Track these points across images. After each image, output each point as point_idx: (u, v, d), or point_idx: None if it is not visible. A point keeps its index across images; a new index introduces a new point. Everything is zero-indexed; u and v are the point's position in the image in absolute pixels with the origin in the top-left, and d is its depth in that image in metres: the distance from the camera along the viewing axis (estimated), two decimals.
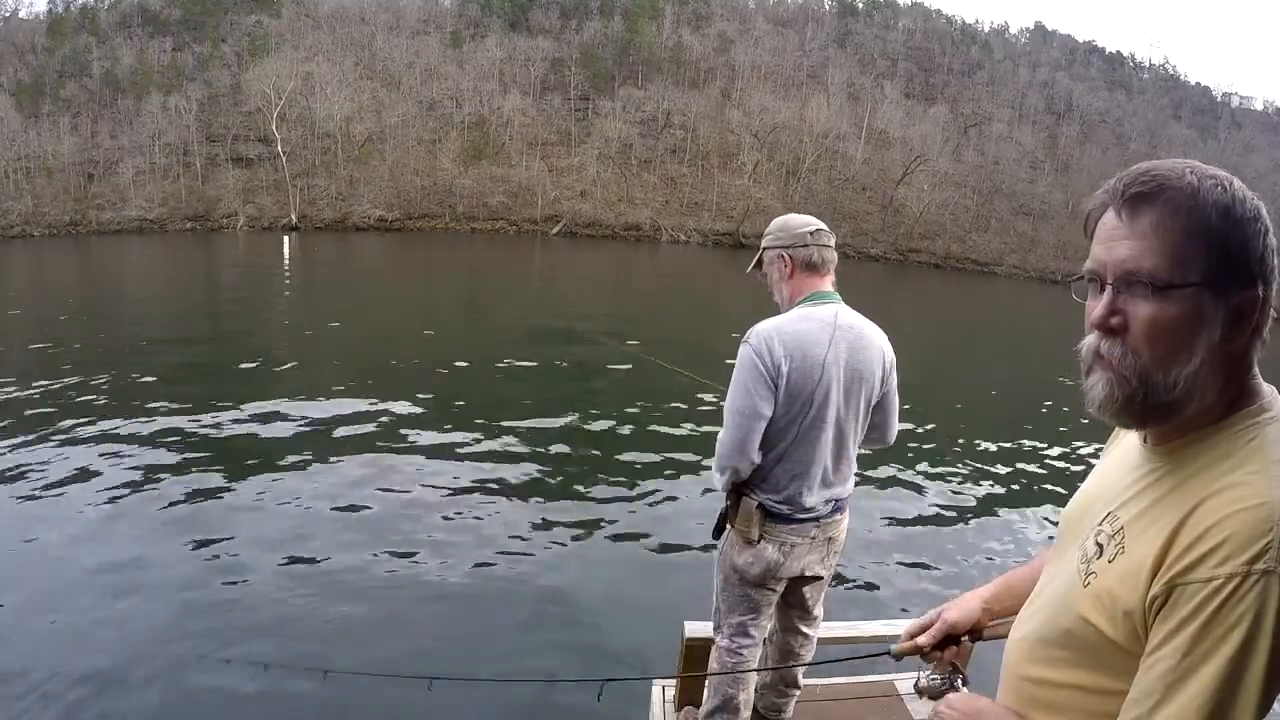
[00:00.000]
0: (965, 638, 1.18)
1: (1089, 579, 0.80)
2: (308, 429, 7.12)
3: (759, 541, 2.03)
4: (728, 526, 2.11)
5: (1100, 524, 0.83)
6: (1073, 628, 0.81)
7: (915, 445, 7.70)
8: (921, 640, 1.18)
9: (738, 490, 2.04)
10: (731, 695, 2.18)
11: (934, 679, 1.19)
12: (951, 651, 1.19)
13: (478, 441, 6.98)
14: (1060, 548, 0.94)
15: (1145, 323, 0.73)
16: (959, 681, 1.16)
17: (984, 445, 8.22)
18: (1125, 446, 0.90)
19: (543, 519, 5.38)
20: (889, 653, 1.25)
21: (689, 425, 7.76)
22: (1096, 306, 0.77)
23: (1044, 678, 0.86)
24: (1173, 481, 0.77)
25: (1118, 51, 77.05)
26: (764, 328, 1.95)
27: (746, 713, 2.21)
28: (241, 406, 7.61)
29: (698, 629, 2.42)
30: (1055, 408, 10.64)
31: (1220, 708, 0.66)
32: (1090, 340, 0.79)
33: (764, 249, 2.09)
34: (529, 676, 3.43)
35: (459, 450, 6.70)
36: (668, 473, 6.43)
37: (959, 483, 6.88)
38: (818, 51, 62.68)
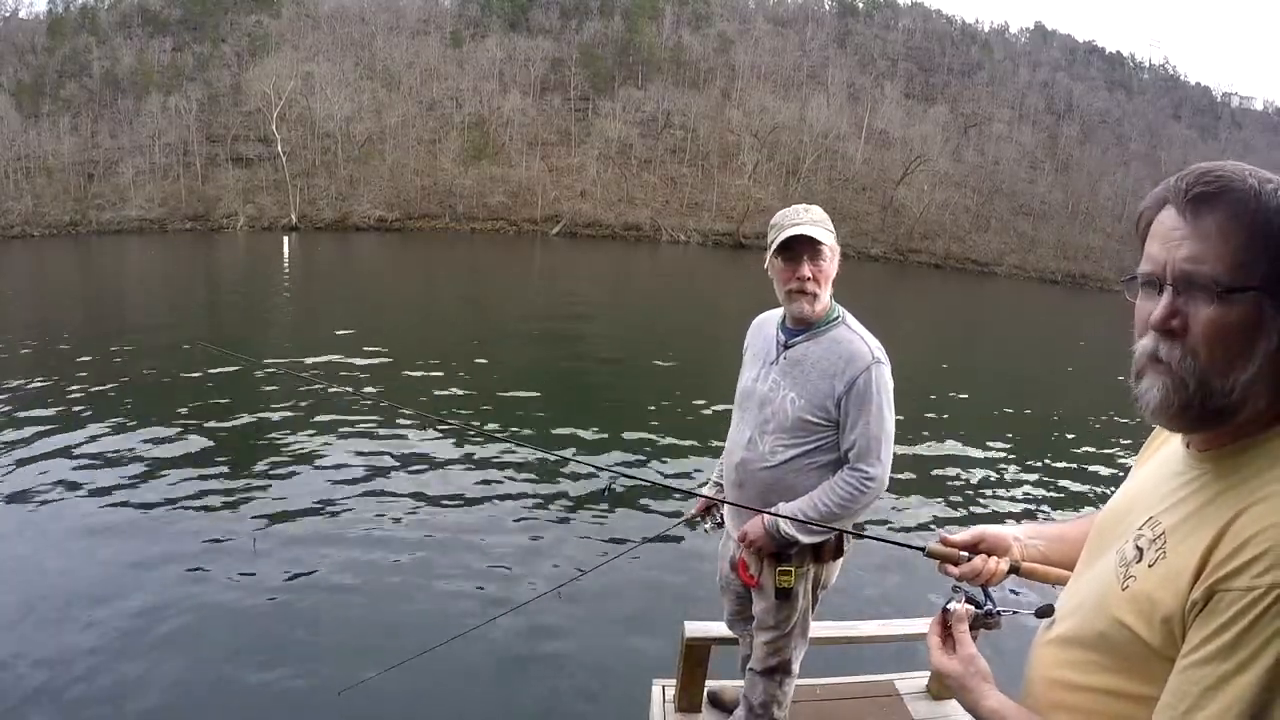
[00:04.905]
0: (999, 560, 1.07)
1: (1127, 582, 0.79)
2: (305, 425, 7.12)
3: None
4: (824, 560, 2.02)
5: (1140, 528, 0.81)
6: (1108, 631, 0.80)
7: (910, 445, 7.70)
8: (955, 539, 1.11)
9: None
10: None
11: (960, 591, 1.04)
12: (989, 572, 1.06)
13: (476, 439, 6.98)
14: (1094, 551, 0.92)
15: (1206, 326, 0.71)
16: (989, 604, 1.00)
17: (978, 445, 8.22)
18: (1166, 452, 0.88)
19: (540, 518, 5.38)
20: (923, 550, 1.12)
21: (689, 433, 7.76)
22: (1155, 308, 0.75)
23: (1072, 681, 0.85)
24: (1217, 488, 0.75)
25: (1118, 51, 77.18)
26: (876, 342, 1.88)
27: None
28: (239, 405, 7.60)
29: (698, 629, 2.42)
30: (1056, 408, 10.63)
31: None
32: (1145, 343, 0.76)
33: (829, 244, 1.86)
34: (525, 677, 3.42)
35: (457, 449, 6.70)
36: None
37: (950, 481, 6.88)
38: (818, 51, 62.63)
